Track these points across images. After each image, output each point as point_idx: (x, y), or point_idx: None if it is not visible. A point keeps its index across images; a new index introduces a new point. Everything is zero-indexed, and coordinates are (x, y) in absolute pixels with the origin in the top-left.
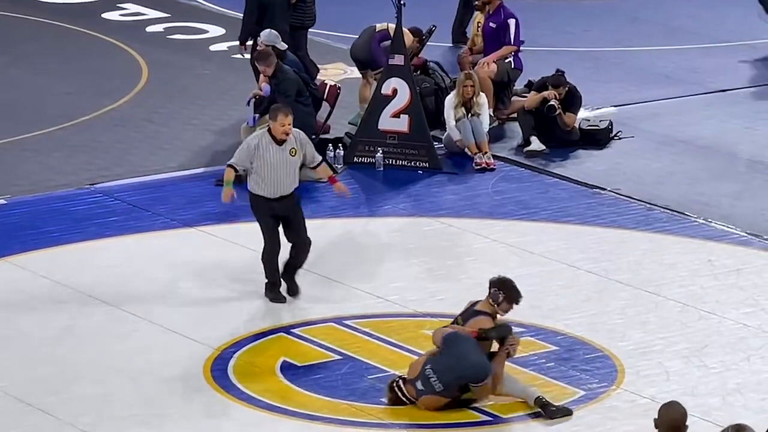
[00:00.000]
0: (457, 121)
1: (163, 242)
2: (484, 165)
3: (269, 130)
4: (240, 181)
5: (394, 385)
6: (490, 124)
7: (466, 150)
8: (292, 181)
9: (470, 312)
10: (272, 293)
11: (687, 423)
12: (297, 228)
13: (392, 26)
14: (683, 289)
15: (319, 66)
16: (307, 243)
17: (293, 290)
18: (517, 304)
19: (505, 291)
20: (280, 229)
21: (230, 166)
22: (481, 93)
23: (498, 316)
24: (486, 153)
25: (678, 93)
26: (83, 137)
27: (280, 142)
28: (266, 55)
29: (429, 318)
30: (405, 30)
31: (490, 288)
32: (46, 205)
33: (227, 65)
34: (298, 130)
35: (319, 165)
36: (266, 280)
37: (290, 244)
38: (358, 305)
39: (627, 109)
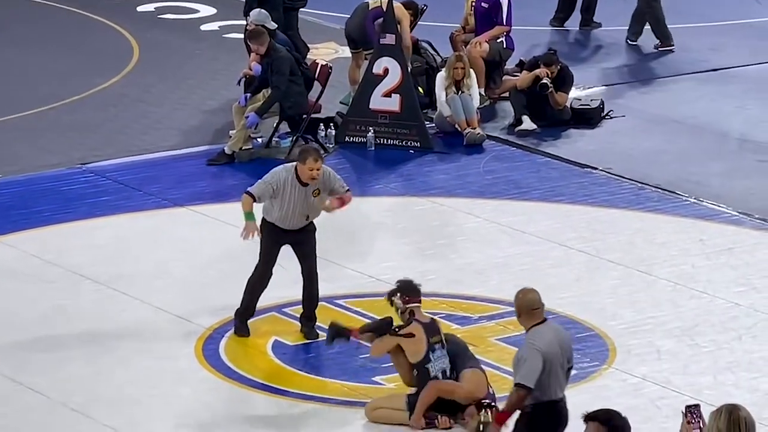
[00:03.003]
0: (447, 97)
1: (155, 222)
2: (474, 134)
3: (296, 170)
4: (232, 160)
5: None
6: (481, 104)
7: (457, 126)
8: (309, 217)
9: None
10: (240, 324)
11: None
12: (307, 253)
13: (386, 1)
14: (675, 268)
15: (310, 45)
16: (314, 274)
17: (312, 336)
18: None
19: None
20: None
21: (249, 194)
22: (470, 71)
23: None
24: (476, 128)
25: (669, 72)
26: (74, 117)
27: (304, 184)
28: (259, 34)
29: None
30: (399, 5)
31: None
32: (37, 185)
33: (218, 45)
34: (326, 168)
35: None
36: (239, 308)
37: (302, 296)
38: (350, 285)
39: (618, 88)
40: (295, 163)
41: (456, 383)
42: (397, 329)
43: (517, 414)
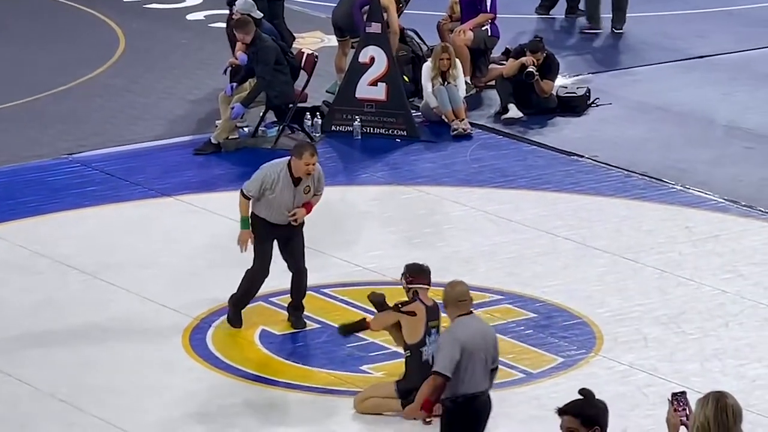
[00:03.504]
0: (433, 88)
1: (141, 212)
2: (461, 131)
3: (289, 166)
4: (219, 149)
5: None
6: (467, 92)
7: (443, 117)
8: None
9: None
10: (234, 313)
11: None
12: (294, 251)
13: None
14: (661, 255)
15: (296, 35)
16: (303, 271)
17: (299, 325)
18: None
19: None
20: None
21: (244, 195)
22: (456, 61)
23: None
24: (463, 120)
25: (655, 59)
26: (60, 107)
27: (296, 181)
28: (245, 23)
29: None
30: None
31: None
32: (23, 176)
33: (204, 34)
34: (318, 166)
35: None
36: (235, 295)
37: (290, 287)
38: (337, 273)
39: (604, 76)
40: (287, 158)
41: None
42: (400, 305)
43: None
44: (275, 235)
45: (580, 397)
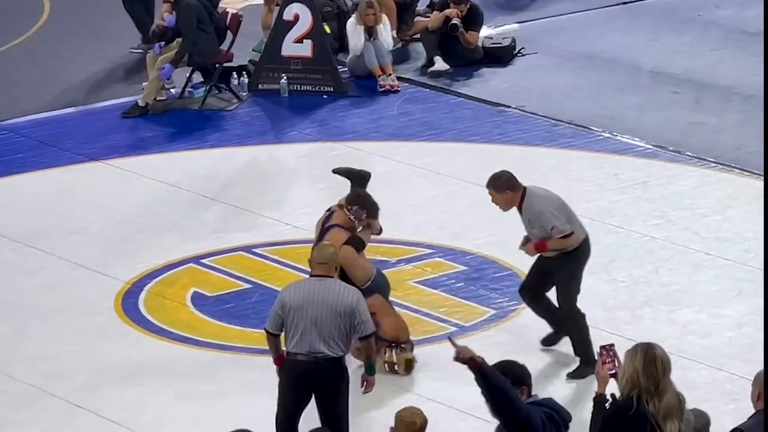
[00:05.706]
0: (361, 44)
1: (70, 177)
2: (388, 87)
3: None
4: (146, 112)
5: None
6: (393, 46)
7: (371, 72)
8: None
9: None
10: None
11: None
12: (558, 288)
13: None
14: (590, 203)
15: None
16: (570, 313)
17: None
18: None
19: (367, 207)
20: None
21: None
22: (382, 15)
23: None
24: (390, 75)
25: (580, 7)
26: None
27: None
28: None
29: None
30: None
31: (348, 205)
32: None
33: None
34: (534, 199)
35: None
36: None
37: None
38: (267, 233)
39: (529, 26)
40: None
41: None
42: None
43: None
44: (541, 269)
45: None
